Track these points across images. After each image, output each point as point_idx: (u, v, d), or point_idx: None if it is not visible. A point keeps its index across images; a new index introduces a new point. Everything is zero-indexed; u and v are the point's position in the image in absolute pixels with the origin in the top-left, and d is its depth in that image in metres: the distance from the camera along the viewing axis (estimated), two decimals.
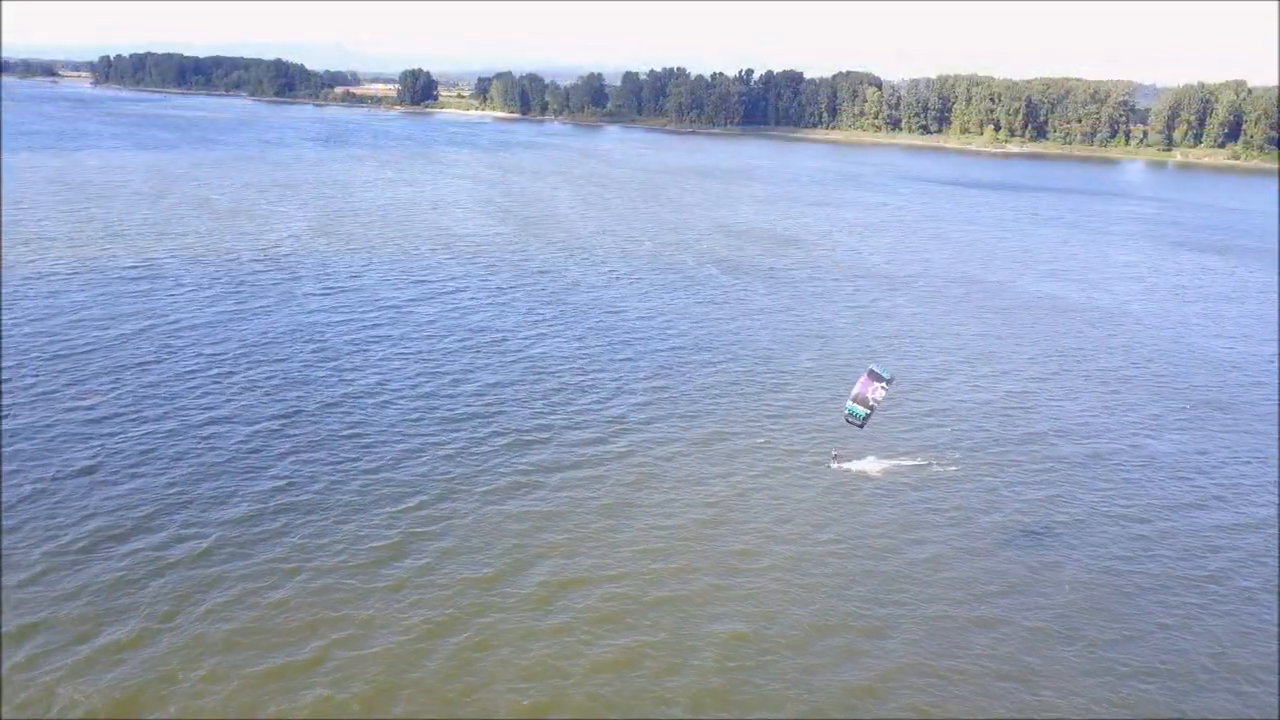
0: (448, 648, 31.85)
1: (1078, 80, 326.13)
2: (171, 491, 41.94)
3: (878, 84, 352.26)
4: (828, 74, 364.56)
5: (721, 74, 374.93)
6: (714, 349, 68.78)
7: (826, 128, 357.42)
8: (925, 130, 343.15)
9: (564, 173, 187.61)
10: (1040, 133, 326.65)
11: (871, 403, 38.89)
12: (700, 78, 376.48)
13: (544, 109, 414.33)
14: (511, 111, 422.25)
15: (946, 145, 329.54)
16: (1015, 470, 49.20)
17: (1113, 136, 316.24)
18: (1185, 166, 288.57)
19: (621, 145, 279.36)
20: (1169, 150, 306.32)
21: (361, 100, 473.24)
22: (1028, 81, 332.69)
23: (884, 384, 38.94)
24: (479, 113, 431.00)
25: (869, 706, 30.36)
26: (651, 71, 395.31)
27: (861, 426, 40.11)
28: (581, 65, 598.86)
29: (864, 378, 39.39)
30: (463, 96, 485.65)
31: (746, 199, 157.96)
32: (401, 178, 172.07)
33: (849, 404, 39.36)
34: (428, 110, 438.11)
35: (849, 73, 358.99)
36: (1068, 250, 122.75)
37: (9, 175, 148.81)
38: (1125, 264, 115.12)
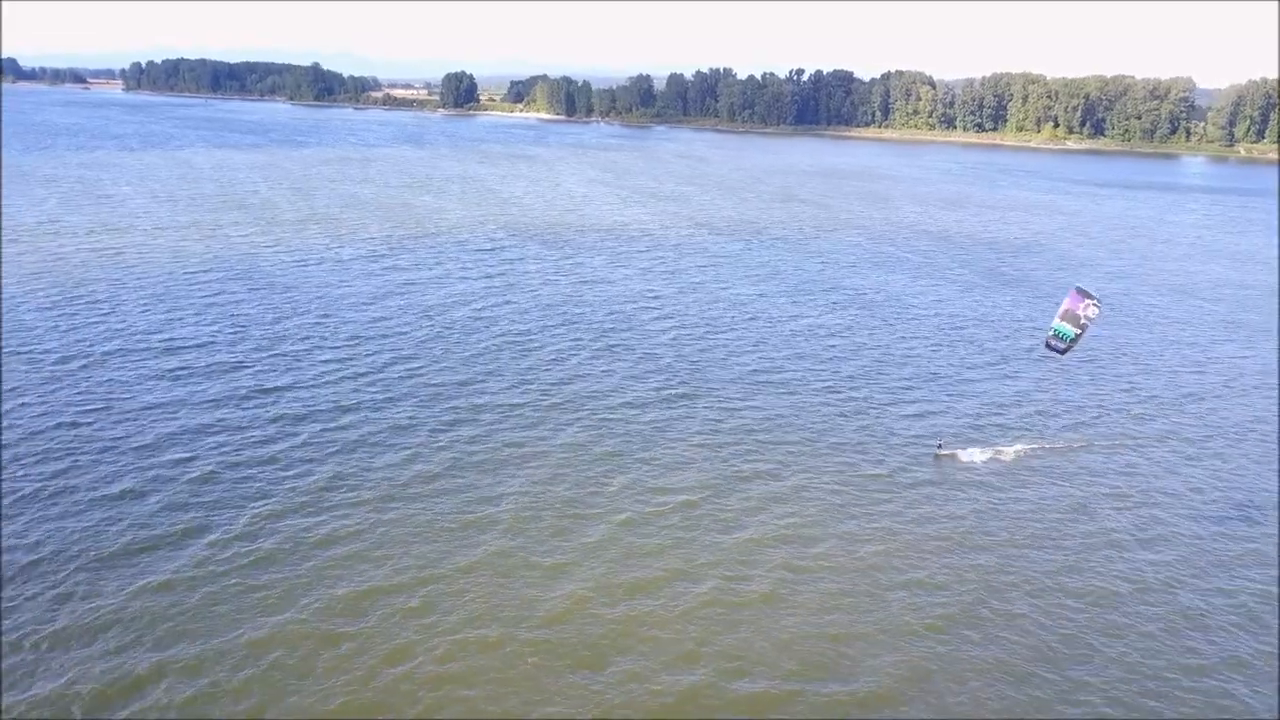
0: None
1: (1132, 78, 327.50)
2: (621, 441, 42.59)
3: (931, 83, 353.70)
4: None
5: (773, 74, 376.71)
6: (985, 323, 69.53)
7: (879, 126, 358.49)
8: (980, 128, 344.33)
9: (671, 173, 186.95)
10: (1098, 129, 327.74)
11: (1083, 320, 34.93)
12: (751, 78, 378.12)
13: (589, 110, 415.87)
14: (556, 113, 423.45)
15: (1004, 142, 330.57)
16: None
17: (1173, 133, 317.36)
18: (1249, 162, 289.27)
19: (691, 145, 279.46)
20: (1231, 146, 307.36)
21: (402, 104, 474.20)
22: (1082, 79, 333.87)
23: (1094, 301, 35.13)
24: (523, 114, 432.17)
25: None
26: (698, 72, 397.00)
27: (1064, 352, 35.88)
28: (588, 68, 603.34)
29: (1072, 294, 35.70)
30: (494, 100, 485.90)
31: (892, 198, 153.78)
32: (515, 174, 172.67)
33: (1055, 324, 34.97)
34: (471, 112, 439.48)
35: (901, 72, 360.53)
36: None
37: (144, 171, 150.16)
38: None
